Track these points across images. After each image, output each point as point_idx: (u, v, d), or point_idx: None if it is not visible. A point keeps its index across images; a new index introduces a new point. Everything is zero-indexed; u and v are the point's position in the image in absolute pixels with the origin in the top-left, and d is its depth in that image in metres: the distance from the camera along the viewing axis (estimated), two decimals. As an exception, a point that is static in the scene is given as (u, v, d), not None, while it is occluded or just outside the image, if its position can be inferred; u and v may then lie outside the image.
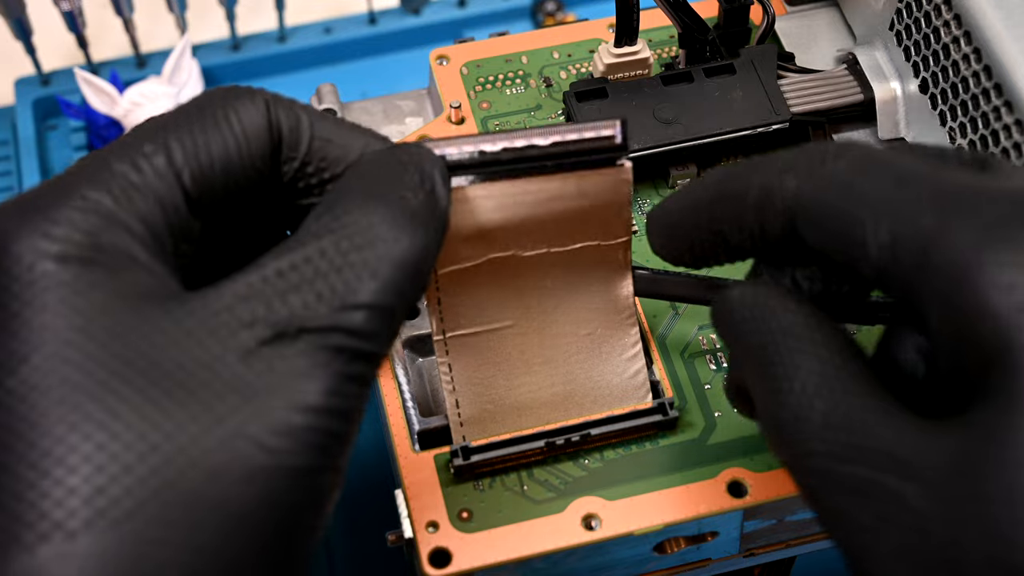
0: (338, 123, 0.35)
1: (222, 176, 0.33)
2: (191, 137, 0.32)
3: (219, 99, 0.33)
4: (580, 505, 0.39)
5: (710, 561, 0.42)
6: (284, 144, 0.34)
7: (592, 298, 0.40)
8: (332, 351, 0.30)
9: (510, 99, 0.48)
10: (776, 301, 0.33)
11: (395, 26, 0.66)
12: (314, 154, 0.34)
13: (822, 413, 0.30)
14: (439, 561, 0.37)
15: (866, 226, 0.30)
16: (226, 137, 0.33)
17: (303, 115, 0.34)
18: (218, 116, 0.33)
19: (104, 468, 0.28)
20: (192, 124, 0.33)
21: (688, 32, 0.46)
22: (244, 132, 0.33)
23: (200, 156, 0.32)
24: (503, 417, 0.40)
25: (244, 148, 0.33)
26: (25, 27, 0.61)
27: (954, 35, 0.43)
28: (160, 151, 0.32)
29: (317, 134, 0.34)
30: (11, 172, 0.63)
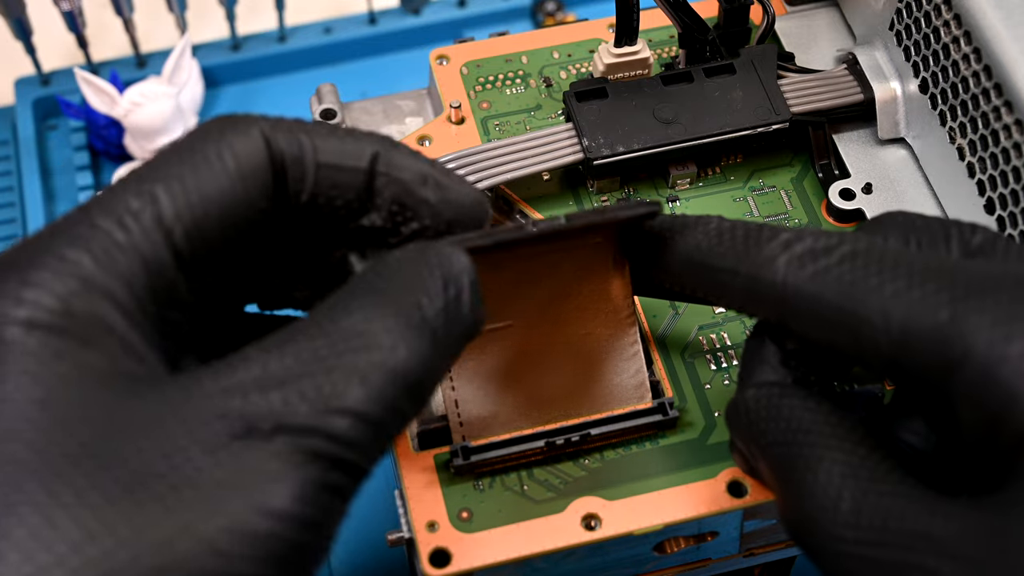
0: (343, 138, 0.32)
1: (218, 226, 0.30)
2: (182, 185, 0.30)
3: (212, 135, 0.31)
4: (580, 505, 0.39)
5: (710, 561, 0.42)
6: (288, 176, 0.31)
7: (591, 298, 0.40)
8: (309, 455, 0.28)
9: (510, 99, 0.48)
10: (792, 399, 0.33)
11: (395, 26, 0.66)
12: (322, 183, 0.32)
13: (851, 501, 0.30)
14: (439, 561, 0.37)
15: (874, 324, 0.31)
16: (221, 181, 0.30)
17: (305, 140, 0.32)
18: (211, 156, 0.30)
19: (33, 557, 0.26)
20: (183, 169, 0.30)
21: (688, 32, 0.46)
22: (240, 171, 0.30)
23: (193, 208, 0.30)
24: (503, 417, 0.40)
25: (242, 190, 0.30)
26: (25, 27, 0.61)
27: (954, 35, 0.43)
28: (147, 205, 0.30)
29: (323, 160, 0.32)
30: (11, 172, 0.63)
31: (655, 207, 0.36)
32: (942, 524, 0.29)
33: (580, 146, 0.44)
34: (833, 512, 0.30)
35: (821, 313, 0.32)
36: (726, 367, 0.42)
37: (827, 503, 0.31)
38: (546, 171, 0.45)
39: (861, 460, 0.31)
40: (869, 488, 0.30)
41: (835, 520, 0.30)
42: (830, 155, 0.47)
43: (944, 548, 0.29)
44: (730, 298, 0.34)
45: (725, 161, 0.47)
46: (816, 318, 0.32)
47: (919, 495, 0.30)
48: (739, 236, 0.34)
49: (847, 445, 0.32)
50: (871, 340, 0.31)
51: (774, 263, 0.33)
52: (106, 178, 0.63)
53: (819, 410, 0.33)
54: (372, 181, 0.32)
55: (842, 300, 0.31)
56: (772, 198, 0.46)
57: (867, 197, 0.45)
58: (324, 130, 0.32)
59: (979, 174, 0.42)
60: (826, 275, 0.32)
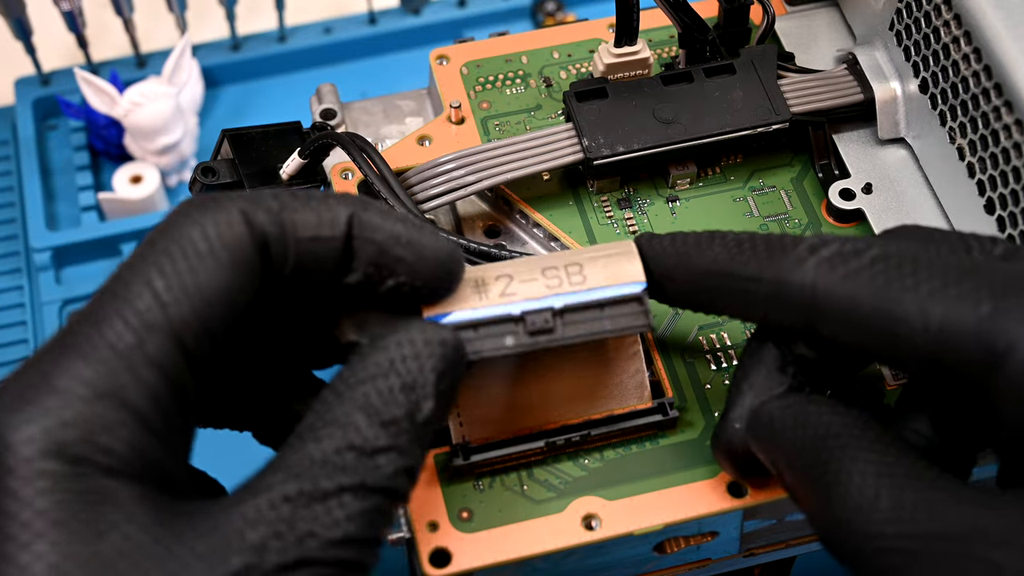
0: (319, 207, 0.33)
1: (221, 320, 0.31)
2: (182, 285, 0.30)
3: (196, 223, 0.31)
4: (580, 505, 0.39)
5: (710, 561, 0.42)
6: (272, 253, 0.32)
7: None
8: None
9: (510, 99, 0.48)
10: (820, 407, 0.33)
11: (395, 26, 0.66)
12: (304, 256, 0.32)
13: (889, 499, 0.30)
14: (439, 561, 0.37)
15: (911, 323, 0.31)
16: (218, 276, 0.31)
17: (285, 217, 0.32)
18: (203, 250, 0.31)
19: None
20: (178, 264, 0.30)
21: (688, 32, 0.46)
22: (233, 261, 0.31)
23: (198, 309, 0.30)
24: (503, 417, 0.40)
25: (237, 279, 0.31)
26: (25, 27, 0.61)
27: (954, 35, 0.43)
28: (157, 312, 0.30)
29: (302, 231, 0.32)
30: (11, 172, 0.63)
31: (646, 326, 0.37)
32: (996, 517, 0.29)
33: (580, 146, 0.44)
34: (869, 511, 0.30)
35: (855, 314, 0.32)
36: (726, 367, 0.42)
37: (863, 503, 0.31)
38: (546, 171, 0.45)
39: (896, 459, 0.31)
40: (907, 484, 0.30)
41: (872, 518, 0.30)
42: (830, 155, 0.47)
43: (1005, 539, 0.29)
44: (753, 307, 0.34)
45: (725, 161, 0.47)
46: (849, 320, 0.32)
47: (961, 490, 0.30)
48: (760, 244, 0.34)
49: (879, 446, 0.32)
50: (908, 339, 0.31)
51: (802, 266, 0.33)
52: (106, 178, 0.63)
53: (847, 415, 0.33)
54: (349, 244, 0.33)
55: (877, 300, 0.32)
56: (772, 198, 0.46)
57: (867, 197, 0.45)
58: (299, 202, 0.33)
59: (979, 174, 0.42)
60: (858, 277, 0.32)
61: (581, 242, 0.44)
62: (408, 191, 0.43)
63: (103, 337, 0.30)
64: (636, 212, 0.45)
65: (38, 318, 0.60)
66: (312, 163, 0.44)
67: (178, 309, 0.30)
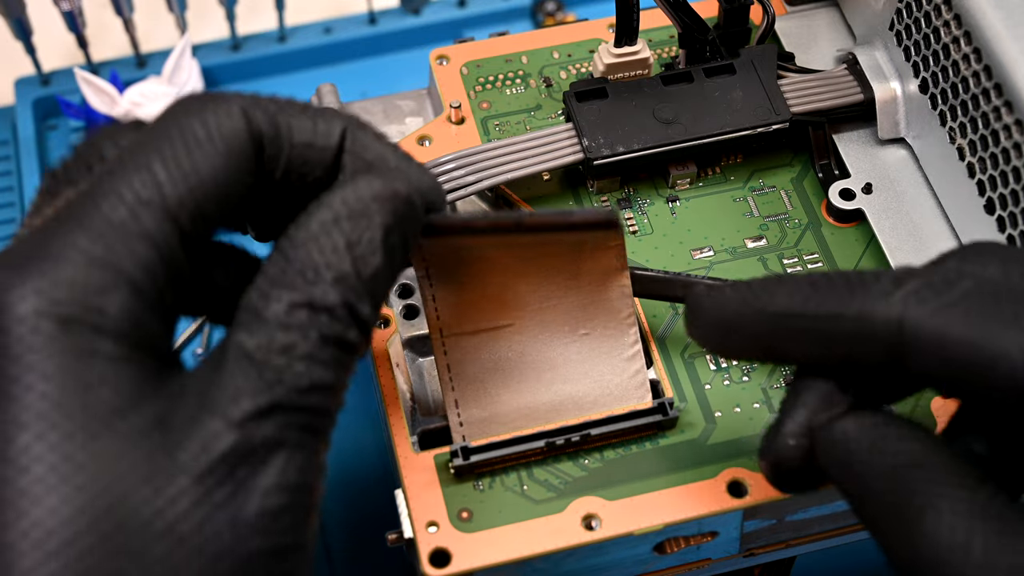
0: (315, 116, 0.34)
1: (215, 205, 0.32)
2: (179, 168, 0.32)
3: (196, 113, 0.32)
4: (580, 505, 0.39)
5: (710, 561, 0.42)
6: (266, 153, 0.33)
7: (591, 298, 0.40)
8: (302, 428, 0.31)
9: (510, 99, 0.48)
10: (900, 429, 0.32)
11: (395, 26, 0.66)
12: (295, 159, 0.34)
13: (983, 545, 0.29)
14: (439, 561, 0.37)
15: (1011, 358, 0.30)
16: (214, 161, 0.32)
17: (281, 119, 0.33)
18: (201, 137, 0.32)
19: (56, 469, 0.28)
20: (178, 151, 0.32)
21: (688, 32, 0.46)
22: (229, 151, 0.32)
23: (194, 191, 0.32)
24: (503, 417, 0.40)
25: (233, 169, 0.32)
26: (25, 27, 0.61)
27: (954, 35, 0.43)
28: (154, 192, 0.31)
29: (296, 135, 0.33)
30: (11, 172, 0.63)
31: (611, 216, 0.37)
32: None
33: (580, 146, 0.44)
34: (964, 555, 0.29)
35: (948, 350, 0.31)
36: (726, 367, 0.42)
37: (955, 546, 0.30)
38: (546, 171, 0.45)
39: (987, 499, 0.30)
40: (1002, 529, 0.30)
41: (968, 562, 0.29)
42: (830, 155, 0.47)
43: None
44: (834, 346, 0.33)
45: (725, 161, 0.47)
46: (942, 355, 0.31)
47: None
48: (837, 280, 0.33)
49: (969, 481, 0.31)
50: (1008, 375, 0.30)
51: (888, 300, 0.32)
52: (106, 178, 0.63)
53: (926, 440, 0.32)
54: (339, 157, 0.34)
55: (973, 336, 0.31)
56: (772, 198, 0.46)
57: (867, 197, 0.45)
58: (296, 109, 0.34)
59: (979, 174, 0.42)
60: (951, 310, 0.31)
61: (581, 242, 0.44)
62: (408, 191, 0.43)
63: (99, 211, 0.31)
64: (636, 212, 0.45)
65: (38, 318, 0.59)
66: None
67: (174, 189, 0.31)
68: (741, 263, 0.44)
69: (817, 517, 0.41)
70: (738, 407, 0.41)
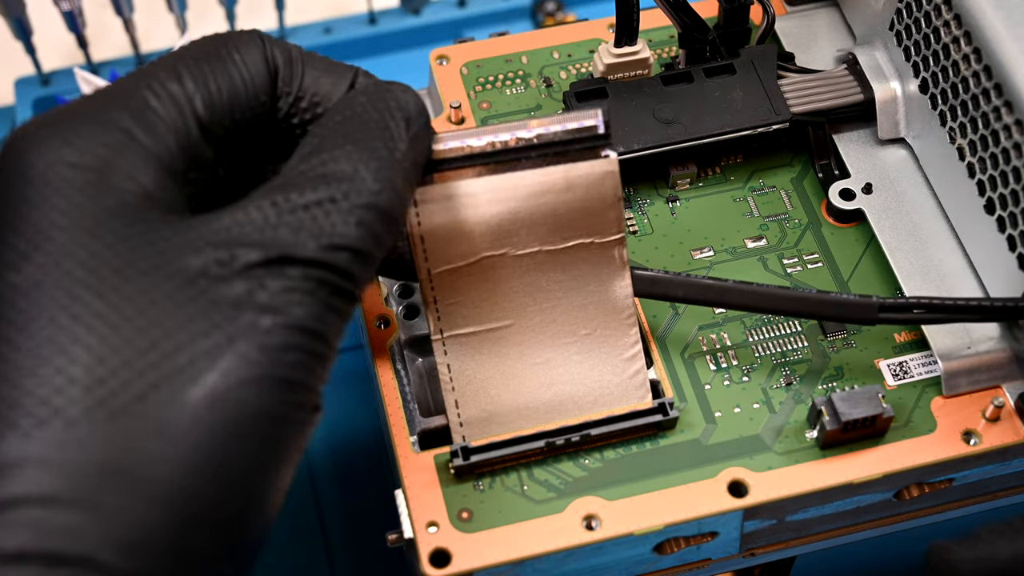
0: (328, 61, 0.37)
1: (229, 106, 0.35)
2: (200, 70, 0.35)
3: (221, 39, 0.36)
4: (580, 505, 0.39)
5: (710, 561, 0.42)
6: (280, 78, 0.36)
7: (591, 298, 0.40)
8: (316, 282, 0.32)
9: (510, 99, 0.48)
10: None
11: (395, 26, 0.66)
12: (307, 88, 0.36)
13: None
14: (439, 561, 0.37)
15: None
16: (231, 71, 0.35)
17: (295, 52, 0.36)
18: (222, 53, 0.35)
19: (105, 360, 0.30)
20: (200, 59, 0.35)
21: (688, 32, 0.46)
22: (246, 66, 0.35)
23: (210, 86, 0.35)
24: (503, 417, 0.40)
25: (248, 80, 0.35)
26: (25, 27, 0.61)
27: (954, 35, 0.43)
28: (174, 79, 0.34)
29: (309, 68, 0.36)
30: (11, 172, 0.63)
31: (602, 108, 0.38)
32: None
33: (580, 146, 0.44)
34: None
35: None
36: (726, 367, 0.42)
37: None
38: (546, 171, 0.44)
39: None
40: None
41: None
42: (830, 155, 0.47)
43: None
44: None
45: (725, 161, 0.47)
46: None
47: None
48: None
49: None
50: None
51: None
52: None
53: None
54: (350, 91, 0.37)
55: None
56: (772, 198, 0.46)
57: (867, 197, 0.45)
58: (312, 54, 0.37)
59: (979, 174, 0.42)
60: None
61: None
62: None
63: (129, 94, 0.34)
64: (636, 212, 0.45)
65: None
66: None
67: (192, 82, 0.34)
68: (741, 263, 0.44)
69: (817, 517, 0.41)
70: (738, 407, 0.41)
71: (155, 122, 0.34)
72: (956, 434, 0.40)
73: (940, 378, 0.41)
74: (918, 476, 0.41)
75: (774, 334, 0.43)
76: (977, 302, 0.40)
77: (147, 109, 0.34)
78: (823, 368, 0.42)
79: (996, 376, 0.41)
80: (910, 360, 0.42)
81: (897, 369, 0.42)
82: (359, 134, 0.34)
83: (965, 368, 0.41)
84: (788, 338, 0.43)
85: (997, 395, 0.41)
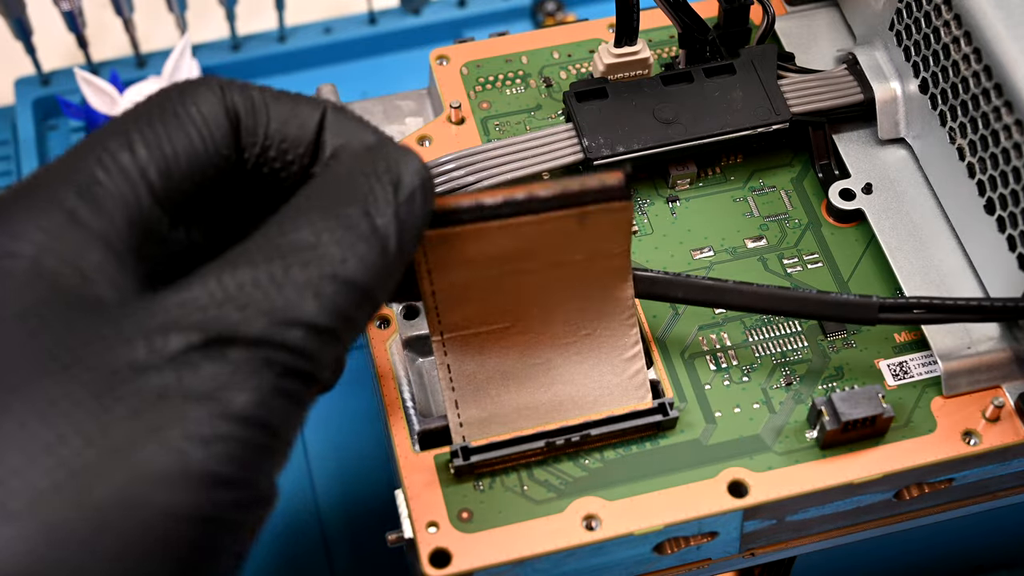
0: (293, 99, 0.34)
1: (189, 169, 0.32)
2: (153, 132, 0.32)
3: (176, 92, 0.33)
4: (580, 505, 0.39)
5: (710, 561, 0.42)
6: (243, 128, 0.33)
7: (592, 299, 0.40)
8: (262, 362, 0.29)
9: (510, 99, 0.48)
10: None
11: (395, 26, 0.66)
12: (273, 135, 0.33)
13: None
14: (439, 561, 0.37)
15: None
16: (188, 129, 0.32)
17: (256, 96, 0.33)
18: (178, 110, 0.32)
19: (4, 459, 0.27)
20: (153, 119, 0.32)
21: (688, 32, 0.46)
22: (205, 120, 0.32)
23: (165, 150, 0.32)
24: (503, 417, 0.40)
25: (208, 137, 0.32)
26: (25, 27, 0.61)
27: (954, 35, 0.43)
28: (125, 148, 0.32)
29: (273, 115, 0.33)
30: (11, 172, 0.63)
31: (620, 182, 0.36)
32: None
33: (580, 146, 0.44)
34: None
35: None
36: (726, 367, 0.42)
37: None
38: (546, 171, 0.45)
39: None
40: None
41: None
42: (830, 155, 0.47)
43: None
44: None
45: (725, 161, 0.47)
46: None
47: None
48: None
49: None
50: None
51: None
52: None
53: None
54: (319, 137, 0.34)
55: None
56: (772, 198, 0.46)
57: (867, 197, 0.45)
58: (275, 92, 0.34)
59: (979, 174, 0.42)
60: None
61: (581, 242, 0.44)
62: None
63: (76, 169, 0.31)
64: (636, 212, 0.45)
65: (38, 318, 0.60)
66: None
67: (145, 148, 0.32)
68: (741, 263, 0.44)
69: (817, 517, 0.41)
70: (738, 407, 0.41)
71: (102, 199, 0.31)
72: (956, 434, 0.40)
73: (940, 378, 0.41)
74: (918, 476, 0.41)
75: (774, 334, 0.43)
76: (977, 302, 0.40)
77: (94, 184, 0.31)
78: (823, 368, 0.42)
79: (996, 376, 0.41)
80: (910, 360, 0.42)
81: (897, 369, 0.42)
82: (330, 200, 0.31)
83: (965, 368, 0.41)
84: (788, 338, 0.43)
85: (997, 395, 0.41)
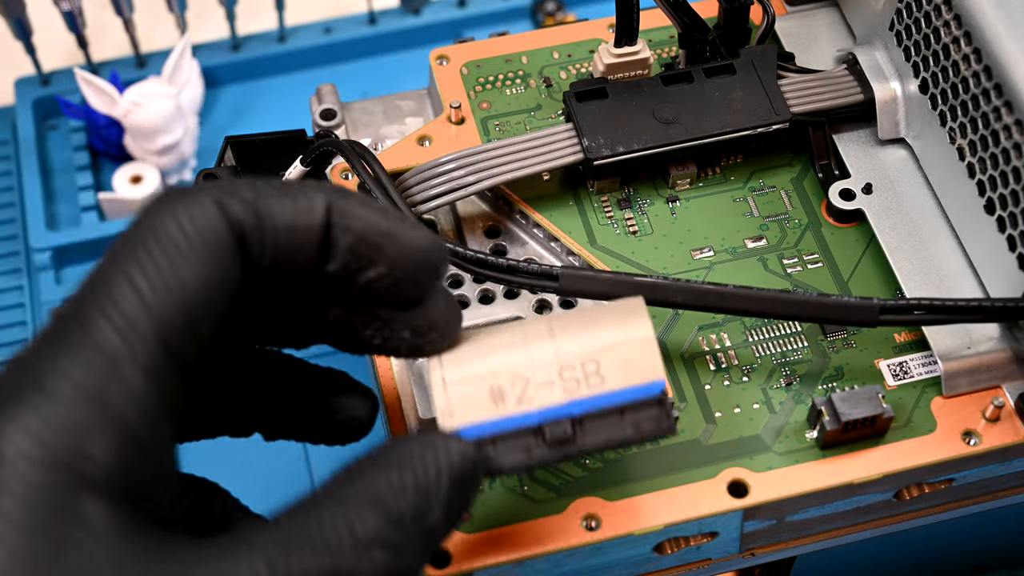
0: (294, 198, 0.32)
1: (206, 314, 0.30)
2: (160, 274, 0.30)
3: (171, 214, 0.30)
4: (580, 505, 0.39)
5: (710, 561, 0.42)
6: (249, 244, 0.31)
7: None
8: None
9: (510, 99, 0.48)
10: None
11: (395, 26, 0.66)
12: (281, 247, 0.32)
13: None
14: (439, 561, 0.37)
15: None
16: (198, 270, 0.30)
17: (260, 206, 0.31)
18: (182, 244, 0.30)
19: None
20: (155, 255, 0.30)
21: (688, 32, 0.46)
22: (213, 253, 0.30)
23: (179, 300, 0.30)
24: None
25: (218, 272, 0.30)
26: (25, 27, 0.61)
27: (954, 35, 0.43)
28: (138, 306, 0.29)
29: (280, 223, 0.31)
30: (11, 172, 0.63)
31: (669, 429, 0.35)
32: None
33: (580, 146, 0.44)
34: None
35: None
36: (726, 367, 0.42)
37: None
38: (546, 171, 0.45)
39: None
40: None
41: None
42: (830, 155, 0.47)
43: None
44: None
45: (725, 161, 0.47)
46: None
47: None
48: None
49: None
50: None
51: None
52: (106, 178, 0.63)
53: None
54: (328, 232, 0.32)
55: None
56: (772, 198, 0.46)
57: (867, 197, 0.45)
58: (274, 191, 0.32)
59: (979, 174, 0.42)
60: None
61: (581, 242, 0.44)
62: (408, 192, 0.43)
63: (90, 337, 0.29)
64: (636, 212, 0.45)
65: (38, 318, 0.60)
66: (314, 171, 0.44)
67: (161, 308, 0.29)
68: (741, 263, 0.44)
69: (817, 517, 0.41)
70: (738, 407, 0.41)
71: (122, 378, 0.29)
72: (956, 434, 0.40)
73: (940, 378, 0.41)
74: (918, 476, 0.41)
75: (774, 334, 0.43)
76: (977, 302, 0.40)
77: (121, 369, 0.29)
78: (823, 368, 0.42)
79: (996, 376, 0.41)
80: (910, 360, 0.42)
81: (897, 369, 0.42)
82: (384, 492, 0.30)
83: (965, 368, 0.41)
84: (788, 338, 0.43)
85: (997, 395, 0.41)
